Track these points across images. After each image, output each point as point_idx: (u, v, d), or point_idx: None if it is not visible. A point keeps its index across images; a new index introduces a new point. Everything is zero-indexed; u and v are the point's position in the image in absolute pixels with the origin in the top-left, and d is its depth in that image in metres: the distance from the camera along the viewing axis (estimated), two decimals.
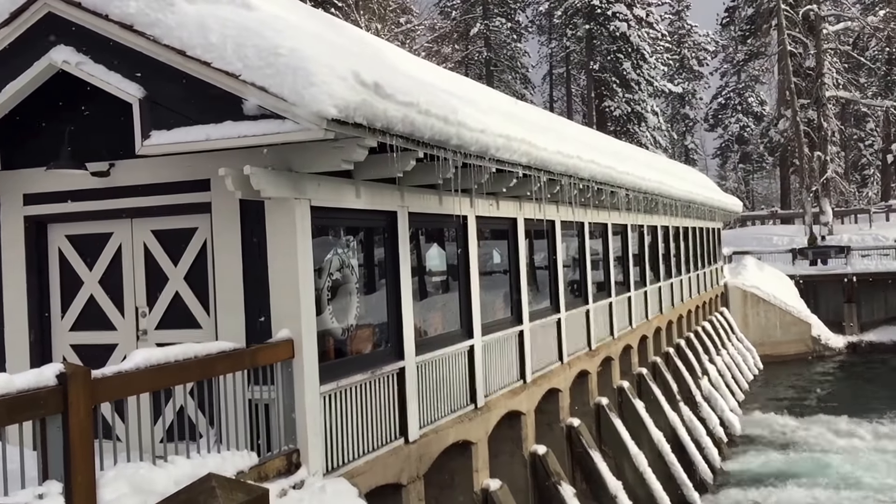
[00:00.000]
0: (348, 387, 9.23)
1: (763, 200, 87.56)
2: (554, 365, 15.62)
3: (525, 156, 11.47)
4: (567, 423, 15.88)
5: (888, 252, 42.92)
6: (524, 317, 14.17)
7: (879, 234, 47.21)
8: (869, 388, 32.38)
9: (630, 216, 21.26)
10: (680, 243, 28.54)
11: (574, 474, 15.79)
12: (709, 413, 24.44)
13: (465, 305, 12.17)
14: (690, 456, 20.62)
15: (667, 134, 71.81)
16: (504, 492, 12.37)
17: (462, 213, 11.77)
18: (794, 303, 39.63)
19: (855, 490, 19.73)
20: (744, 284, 38.69)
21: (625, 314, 20.93)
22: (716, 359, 29.82)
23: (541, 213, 14.07)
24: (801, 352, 38.67)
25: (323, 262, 9.19)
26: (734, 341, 35.10)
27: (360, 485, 8.96)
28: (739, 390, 30.41)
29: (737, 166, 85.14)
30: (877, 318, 41.54)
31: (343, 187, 9.22)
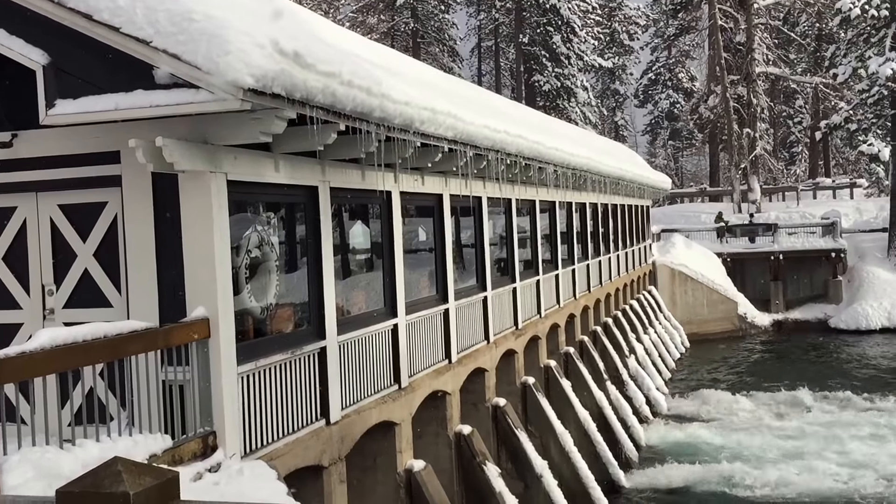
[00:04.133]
0: (267, 367, 8.96)
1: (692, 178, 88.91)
2: (480, 344, 15.50)
3: (451, 130, 11.25)
4: (493, 403, 15.79)
5: (814, 230, 43.79)
6: (450, 295, 14.00)
7: (807, 211, 48.16)
8: (793, 366, 33.07)
9: (558, 193, 21.20)
10: (609, 221, 28.67)
11: (499, 454, 15.73)
12: (635, 391, 24.67)
13: (389, 284, 11.95)
14: (616, 434, 20.78)
15: (597, 110, 72.27)
16: (428, 472, 12.22)
17: (386, 189, 11.51)
18: (722, 281, 40.26)
19: (778, 465, 20.09)
20: (672, 262, 39.14)
21: (552, 292, 20.92)
22: (643, 337, 30.11)
23: (467, 190, 13.90)
24: (727, 330, 39.34)
25: (241, 238, 8.88)
26: (662, 320, 35.51)
27: (279, 467, 8.72)
28: (666, 369, 30.79)
29: (666, 143, 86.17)
30: (802, 296, 42.45)
31: (261, 161, 8.90)
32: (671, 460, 20.60)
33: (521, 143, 14.55)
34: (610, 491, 18.21)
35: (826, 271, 42.54)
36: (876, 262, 42.58)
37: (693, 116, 66.05)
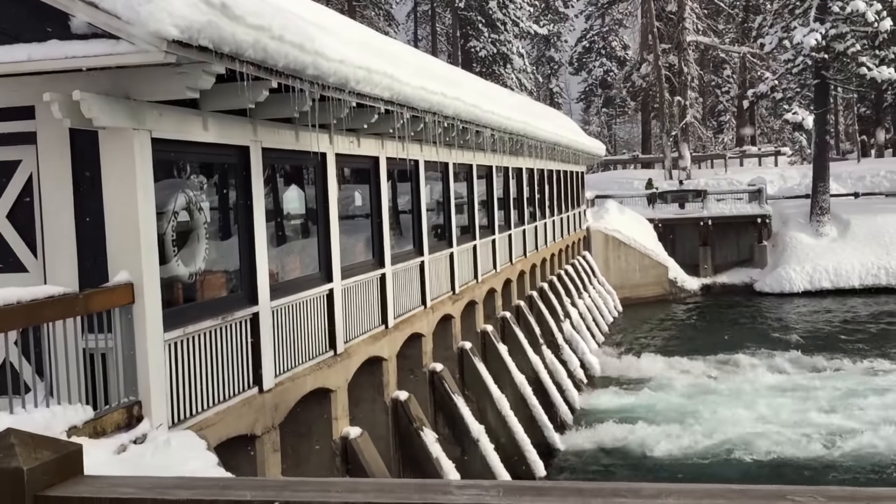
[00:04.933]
0: (197, 334, 8.61)
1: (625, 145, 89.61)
2: (417, 309, 15.28)
3: (387, 90, 10.92)
4: (430, 369, 15.63)
5: (742, 196, 44.47)
6: (386, 260, 13.72)
7: (734, 178, 48.89)
8: (721, 329, 33.63)
9: (495, 158, 21.01)
10: (544, 186, 28.62)
11: (436, 419, 15.61)
12: (570, 355, 24.80)
13: (323, 248, 11.61)
14: (552, 398, 20.84)
15: (532, 77, 72.28)
16: (364, 439, 12.01)
17: (320, 151, 11.14)
18: (653, 246, 40.68)
19: (708, 425, 20.39)
20: (606, 228, 39.37)
21: (489, 258, 20.79)
22: (578, 302, 30.26)
23: (404, 153, 13.60)
24: (658, 294, 39.83)
25: (167, 200, 8.47)
26: (595, 284, 35.76)
27: (209, 437, 8.41)
28: (600, 333, 31.03)
29: (600, 111, 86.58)
30: (729, 261, 43.19)
31: (188, 118, 8.47)
32: (605, 422, 20.75)
33: (459, 106, 14.28)
34: (545, 454, 18.28)
35: (752, 237, 43.32)
36: (799, 228, 43.47)
37: (626, 84, 66.45)
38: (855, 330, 32.44)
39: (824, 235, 42.61)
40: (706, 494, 1.81)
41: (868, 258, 40.76)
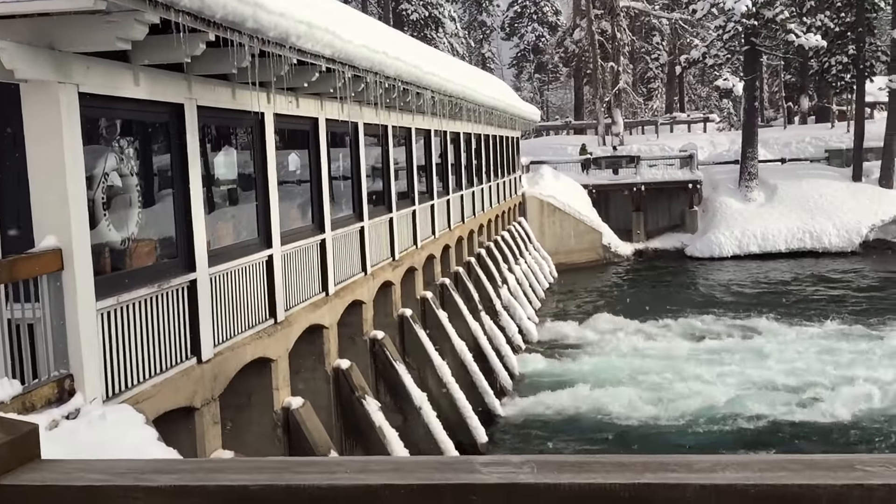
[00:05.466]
0: (131, 302, 8.14)
1: (557, 111, 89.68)
2: (357, 276, 14.92)
3: (329, 47, 10.48)
4: (371, 336, 15.32)
5: (673, 162, 44.84)
6: (326, 225, 13.31)
7: (666, 144, 49.23)
8: (654, 293, 33.97)
9: (434, 121, 20.63)
10: (482, 151, 28.35)
11: (378, 387, 15.33)
12: (508, 321, 24.72)
13: (262, 212, 11.15)
14: (491, 364, 20.72)
15: (464, 41, 71.71)
16: (306, 409, 11.67)
17: (259, 110, 10.65)
18: (588, 212, 40.81)
19: (644, 386, 20.54)
20: (541, 194, 39.34)
21: (428, 223, 20.48)
22: (514, 268, 30.18)
23: (344, 114, 13.16)
24: (593, 260, 40.04)
25: (96, 161, 7.94)
26: (531, 250, 35.74)
27: (146, 410, 7.99)
28: (536, 298, 31.03)
29: (532, 76, 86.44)
30: (661, 226, 43.60)
31: (119, 72, 7.94)
32: (544, 387, 20.77)
33: (400, 66, 13.86)
34: (486, 420, 18.18)
35: (684, 202, 43.77)
36: (728, 193, 44.08)
37: (559, 50, 66.33)
38: (780, 293, 33.03)
39: (752, 201, 43.28)
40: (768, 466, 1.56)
41: (794, 223, 41.56)
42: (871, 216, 41.50)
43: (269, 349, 10.93)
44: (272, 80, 9.78)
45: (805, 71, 56.99)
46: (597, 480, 1.55)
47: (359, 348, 14.98)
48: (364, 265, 15.25)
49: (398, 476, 1.60)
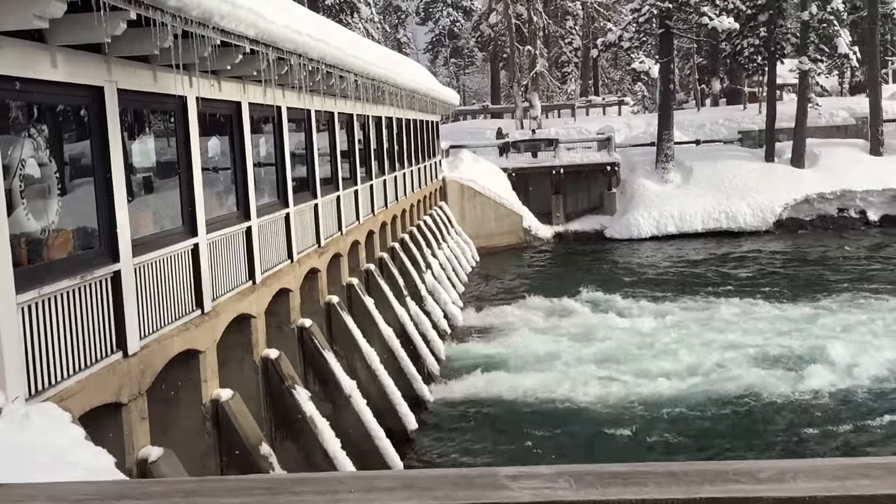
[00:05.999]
0: (53, 295, 7.74)
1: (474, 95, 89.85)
2: (284, 263, 14.59)
3: (252, 27, 10.15)
4: (298, 325, 15.02)
5: (591, 145, 45.26)
6: (252, 212, 12.96)
7: (583, 127, 49.65)
8: (575, 274, 34.24)
9: (357, 106, 20.30)
10: (403, 136, 28.09)
11: (307, 376, 15.06)
12: (433, 306, 24.61)
13: (187, 199, 10.76)
14: (418, 350, 20.60)
15: (379, 26, 71.13)
16: (236, 401, 11.36)
17: (181, 94, 10.26)
18: (508, 195, 40.92)
19: (570, 368, 20.74)
20: (461, 178, 39.29)
21: (352, 209, 20.19)
22: (438, 252, 30.08)
23: (268, 98, 12.83)
24: (514, 243, 40.21)
25: (12, 147, 7.51)
26: (453, 235, 35.69)
27: (72, 408, 7.63)
28: (460, 283, 31.00)
29: (448, 61, 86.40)
30: (580, 209, 44.01)
31: (34, 53, 7.51)
32: (471, 372, 20.75)
33: (324, 49, 13.56)
34: (415, 406, 18.06)
35: (602, 184, 44.25)
36: (645, 175, 44.72)
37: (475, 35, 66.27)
38: (697, 272, 33.68)
39: (669, 182, 43.99)
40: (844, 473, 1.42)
41: (709, 203, 42.39)
42: (783, 196, 42.60)
43: (197, 341, 10.59)
44: (195, 62, 9.41)
45: (716, 54, 58.08)
46: (651, 496, 1.40)
47: (287, 337, 14.68)
48: (290, 252, 14.93)
49: (413, 496, 1.42)
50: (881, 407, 17.64)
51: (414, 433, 17.04)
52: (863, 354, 20.46)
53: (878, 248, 36.53)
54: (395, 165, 26.29)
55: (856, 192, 43.07)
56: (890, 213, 43.01)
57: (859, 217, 43.09)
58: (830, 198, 43.23)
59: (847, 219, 43.04)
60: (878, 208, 43.21)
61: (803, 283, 30.34)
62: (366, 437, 15.00)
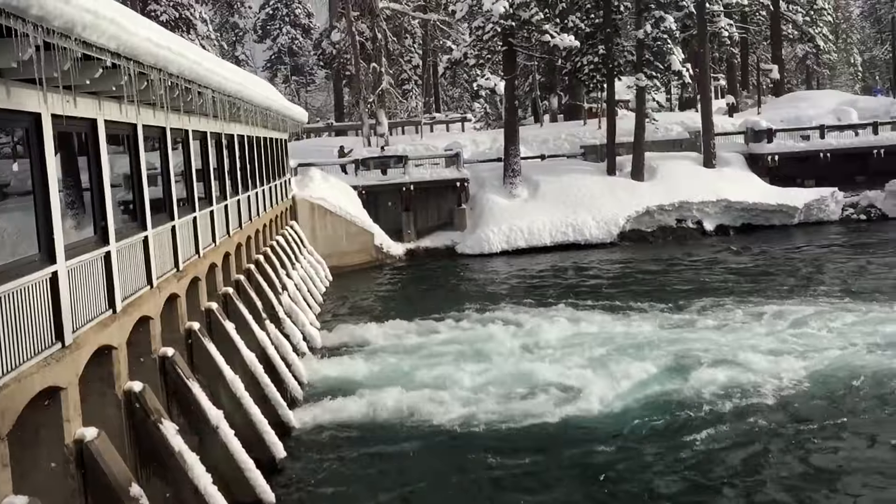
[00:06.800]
0: None
1: (317, 113, 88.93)
2: (144, 290, 13.78)
3: (114, 40, 9.51)
4: (161, 354, 14.22)
5: (439, 161, 45.54)
6: (111, 236, 12.15)
7: (430, 143, 49.90)
8: (428, 291, 34.32)
9: (211, 123, 19.57)
10: (254, 154, 27.31)
11: (170, 408, 14.26)
12: (292, 328, 24.02)
13: (44, 224, 9.93)
14: (281, 374, 20.00)
15: (216, 43, 69.53)
16: (103, 441, 10.57)
17: (35, 111, 9.47)
18: (359, 213, 40.61)
19: (433, 385, 20.57)
20: (311, 197, 38.69)
21: (208, 230, 19.39)
22: (292, 273, 29.42)
23: (124, 115, 12.10)
24: (366, 261, 39.92)
25: None
26: (306, 254, 35.04)
27: None
28: (315, 303, 30.43)
29: (289, 79, 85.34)
30: (431, 225, 44.18)
31: None
32: (334, 394, 20.37)
33: (183, 63, 12.92)
34: (281, 433, 17.45)
35: (452, 200, 44.60)
36: (494, 191, 45.38)
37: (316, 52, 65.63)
38: (546, 284, 34.28)
39: (517, 197, 44.76)
40: None
41: (557, 217, 43.36)
42: (626, 208, 44.07)
43: (59, 377, 9.78)
44: (56, 75, 8.71)
45: (554, 71, 59.72)
46: None
47: (148, 368, 13.87)
48: (150, 278, 14.13)
49: None
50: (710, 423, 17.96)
51: (283, 461, 16.46)
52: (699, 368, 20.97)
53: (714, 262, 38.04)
54: (248, 184, 25.52)
55: (692, 203, 45.05)
56: (723, 222, 45.27)
57: (696, 227, 45.08)
58: (669, 209, 45.05)
59: (685, 229, 44.94)
60: (713, 218, 45.36)
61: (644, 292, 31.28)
62: (235, 469, 14.35)
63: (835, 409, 18.14)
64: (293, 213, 37.48)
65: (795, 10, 69.90)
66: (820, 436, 16.75)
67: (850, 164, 48.42)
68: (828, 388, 19.40)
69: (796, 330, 24.09)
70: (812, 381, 19.84)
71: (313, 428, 18.66)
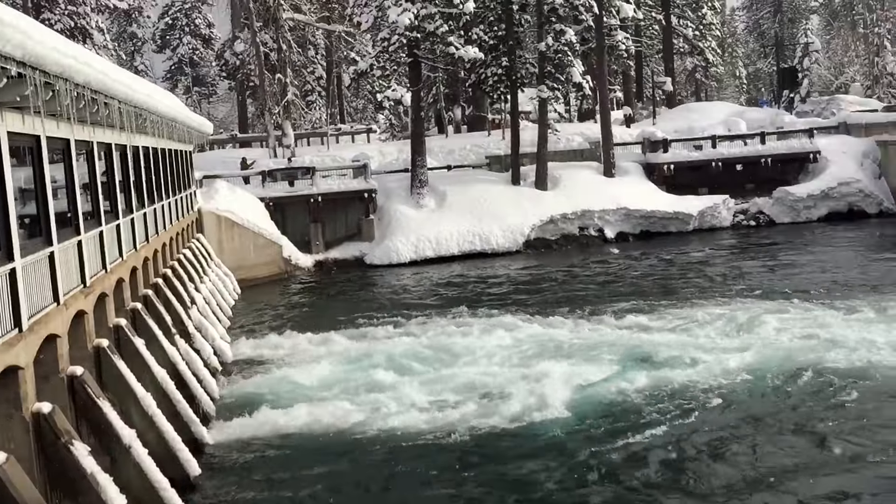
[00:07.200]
0: None
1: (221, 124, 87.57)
2: (50, 307, 13.31)
3: (20, 48, 9.21)
4: (69, 373, 13.75)
5: (346, 172, 45.39)
6: (15, 252, 11.69)
7: (337, 155, 49.67)
8: (338, 302, 34.14)
9: (116, 135, 19.05)
10: (160, 166, 26.69)
11: (80, 429, 13.78)
12: (202, 343, 23.54)
13: None
14: (193, 390, 19.57)
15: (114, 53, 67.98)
16: (12, 465, 10.17)
17: None
18: (266, 225, 40.17)
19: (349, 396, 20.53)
20: (217, 209, 38.07)
21: (115, 244, 18.87)
22: (200, 287, 28.85)
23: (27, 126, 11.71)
24: (274, 273, 39.52)
25: None
26: (213, 267, 34.42)
27: None
28: (225, 317, 29.92)
29: (191, 89, 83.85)
30: (340, 236, 44.02)
31: None
32: (246, 408, 20.06)
33: (89, 72, 12.58)
34: (195, 450, 17.08)
35: (360, 211, 44.51)
36: (401, 201, 45.45)
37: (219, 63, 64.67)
38: (456, 293, 34.43)
39: (424, 207, 44.91)
40: None
41: (464, 226, 43.67)
42: (531, 217, 44.70)
43: None
44: None
45: (457, 82, 60.17)
46: None
47: (57, 388, 13.39)
48: (56, 294, 13.65)
49: None
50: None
51: (197, 479, 16.10)
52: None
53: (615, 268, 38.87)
54: (154, 197, 24.93)
55: (594, 211, 46.03)
56: (623, 230, 46.43)
57: (598, 235, 46.06)
58: (572, 218, 45.91)
59: (588, 237, 45.90)
60: (614, 226, 46.43)
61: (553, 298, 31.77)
62: (149, 489, 13.97)
63: (754, 405, 18.74)
64: (199, 225, 36.79)
65: (686, 24, 72.68)
66: (741, 434, 17.23)
67: (740, 172, 50.46)
68: (744, 384, 19.98)
69: (705, 329, 24.94)
70: (732, 377, 20.42)
71: (227, 443, 18.34)
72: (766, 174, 50.04)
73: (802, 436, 16.94)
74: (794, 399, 18.96)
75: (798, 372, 20.43)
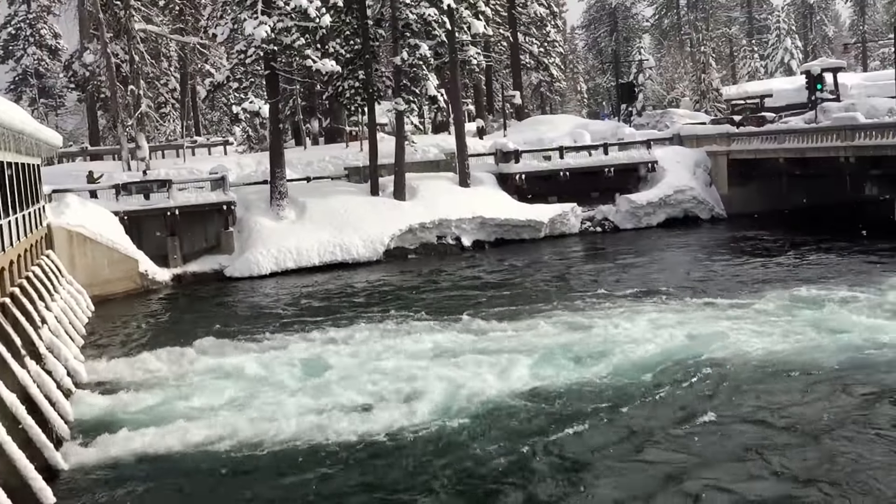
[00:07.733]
0: None
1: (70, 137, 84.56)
2: None
3: None
4: None
5: (204, 185, 44.94)
6: None
7: (194, 167, 49.05)
8: (197, 316, 33.79)
9: None
10: (5, 180, 25.86)
11: None
12: (55, 364, 22.98)
13: None
14: (45, 414, 19.11)
15: None
16: None
17: None
18: (121, 240, 39.35)
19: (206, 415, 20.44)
20: (68, 224, 37.05)
21: None
22: (52, 305, 28.09)
23: None
24: (131, 288, 38.81)
25: None
26: (65, 285, 33.49)
27: None
28: (78, 336, 29.23)
29: (37, 102, 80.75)
30: (198, 249, 43.55)
31: None
32: (102, 431, 19.65)
33: None
34: (49, 477, 16.76)
35: (219, 224, 44.21)
36: (261, 213, 45.42)
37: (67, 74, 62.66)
38: (319, 304, 34.72)
39: (284, 218, 45.00)
40: None
41: (324, 237, 44.00)
42: (390, 227, 45.48)
43: None
44: None
45: (314, 94, 60.33)
46: None
47: None
48: None
49: None
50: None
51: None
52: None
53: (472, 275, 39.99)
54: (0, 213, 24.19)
55: (451, 220, 47.30)
56: (479, 238, 48.08)
57: (455, 243, 47.34)
58: (430, 227, 46.99)
59: (445, 245, 47.12)
60: (470, 234, 47.95)
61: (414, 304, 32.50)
62: None
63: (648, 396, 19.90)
64: (49, 241, 35.68)
65: (531, 41, 76.17)
66: (636, 434, 18.05)
67: (586, 181, 53.22)
68: (627, 381, 21.13)
69: (580, 331, 26.12)
70: (606, 375, 21.61)
71: (84, 468, 17.95)
72: (609, 183, 53.25)
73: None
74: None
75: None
